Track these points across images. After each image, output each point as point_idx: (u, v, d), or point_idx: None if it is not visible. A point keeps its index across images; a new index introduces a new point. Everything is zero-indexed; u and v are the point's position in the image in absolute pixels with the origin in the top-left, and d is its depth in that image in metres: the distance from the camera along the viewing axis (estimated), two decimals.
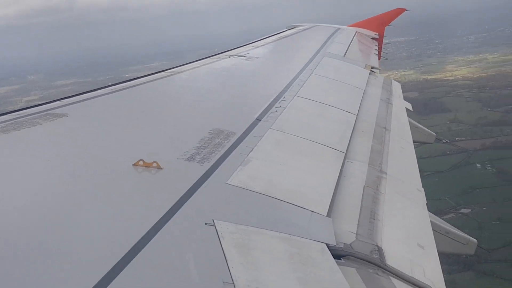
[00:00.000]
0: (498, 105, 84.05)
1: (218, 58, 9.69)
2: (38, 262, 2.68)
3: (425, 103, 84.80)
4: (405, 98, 10.83)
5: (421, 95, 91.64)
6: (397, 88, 11.32)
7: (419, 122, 10.46)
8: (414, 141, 7.87)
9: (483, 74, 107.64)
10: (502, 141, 68.89)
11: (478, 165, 63.42)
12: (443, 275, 4.14)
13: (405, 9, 19.76)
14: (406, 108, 10.12)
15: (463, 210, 53.05)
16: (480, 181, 58.55)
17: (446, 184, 57.56)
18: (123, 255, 2.79)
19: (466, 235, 6.34)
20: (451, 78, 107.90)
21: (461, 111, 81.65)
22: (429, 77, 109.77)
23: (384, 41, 18.18)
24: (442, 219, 6.29)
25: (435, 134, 11.22)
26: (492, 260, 45.06)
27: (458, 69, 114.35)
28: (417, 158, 6.84)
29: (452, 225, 6.34)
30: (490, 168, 62.48)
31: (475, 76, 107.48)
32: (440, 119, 77.20)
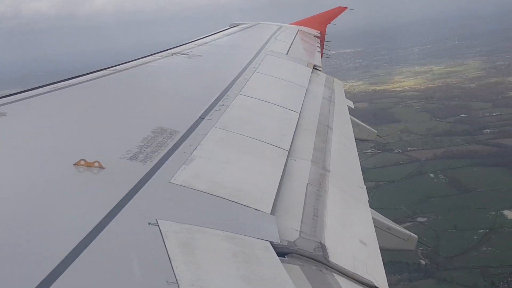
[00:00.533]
0: (446, 115, 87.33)
1: (161, 56, 9.61)
2: None
3: (375, 113, 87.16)
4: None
5: (371, 106, 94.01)
6: (339, 86, 11.45)
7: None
8: (356, 139, 7.98)
9: (430, 85, 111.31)
10: (453, 151, 71.52)
11: (431, 175, 65.68)
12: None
13: (346, 8, 19.97)
14: (348, 106, 10.25)
15: (420, 219, 54.81)
16: (434, 190, 60.67)
17: (402, 193, 59.52)
18: (65, 256, 2.74)
19: (407, 231, 6.47)
20: (399, 89, 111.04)
21: (411, 122, 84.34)
22: (377, 88, 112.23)
23: (326, 39, 18.34)
24: None
25: (375, 131, 11.39)
26: (451, 268, 46.44)
27: (405, 80, 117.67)
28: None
29: None
30: (442, 177, 64.74)
31: (422, 87, 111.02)
32: (391, 130, 79.39)
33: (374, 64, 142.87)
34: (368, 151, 72.54)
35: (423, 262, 47.91)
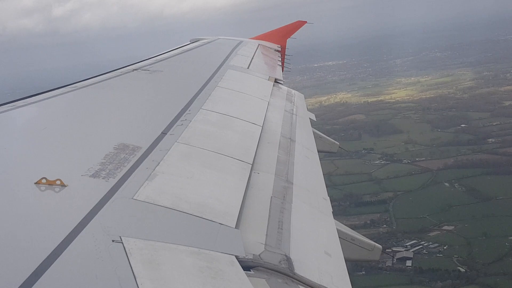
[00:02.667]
0: (446, 126, 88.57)
1: (121, 72, 9.55)
2: None
3: (376, 125, 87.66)
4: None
5: (369, 118, 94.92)
6: (300, 99, 11.52)
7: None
8: (318, 151, 8.03)
9: (423, 96, 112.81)
10: (462, 160, 72.70)
11: (446, 184, 66.28)
12: None
13: (305, 22, 20.15)
14: (310, 118, 10.32)
15: (446, 227, 55.08)
16: (454, 199, 61.16)
17: (421, 203, 60.21)
18: (27, 276, 2.70)
19: (371, 241, 6.51)
20: (392, 100, 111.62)
21: (412, 133, 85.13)
22: (370, 99, 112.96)
23: (286, 53, 18.47)
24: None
25: (338, 143, 11.48)
26: (491, 274, 46.84)
27: (395, 92, 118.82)
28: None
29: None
30: (458, 186, 65.41)
31: (415, 98, 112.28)
32: (395, 141, 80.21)
33: (360, 76, 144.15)
34: (376, 162, 73.39)
35: (461, 269, 48.60)
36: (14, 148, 4.98)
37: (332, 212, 5.71)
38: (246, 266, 3.56)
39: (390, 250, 48.81)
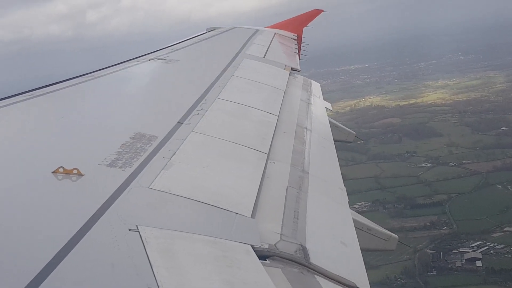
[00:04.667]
0: (487, 129, 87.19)
1: (138, 61, 9.57)
2: None
3: (414, 129, 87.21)
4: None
5: (405, 121, 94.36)
6: (316, 88, 11.48)
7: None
8: (334, 140, 8.00)
9: (455, 99, 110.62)
10: (511, 163, 71.36)
11: (499, 186, 65.60)
12: None
13: (322, 10, 20.02)
14: (326, 107, 10.29)
15: (507, 228, 54.49)
16: (510, 201, 60.31)
17: (477, 205, 59.80)
18: (45, 264, 2.73)
19: (387, 231, 6.49)
20: (424, 103, 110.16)
21: (453, 136, 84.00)
22: (401, 103, 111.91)
23: (303, 41, 18.37)
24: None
25: (354, 132, 11.42)
26: None
27: (426, 95, 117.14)
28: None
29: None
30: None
31: (448, 101, 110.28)
32: (436, 144, 79.75)
33: (385, 80, 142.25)
34: (422, 165, 73.25)
35: None
36: (32, 137, 5.02)
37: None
38: (262, 255, 3.57)
39: (430, 252, 48.96)
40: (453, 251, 51.51)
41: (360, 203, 59.38)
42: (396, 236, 6.52)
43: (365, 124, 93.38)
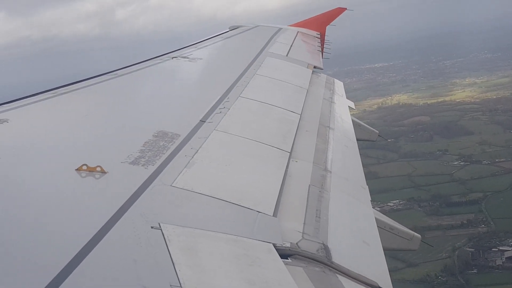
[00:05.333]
0: None
1: (161, 60, 9.61)
2: None
3: (445, 127, 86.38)
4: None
5: (434, 119, 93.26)
6: (339, 87, 11.44)
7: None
8: (357, 139, 7.98)
9: (484, 98, 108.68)
10: None
11: None
12: None
13: (345, 9, 19.93)
14: (348, 106, 10.25)
15: None
16: None
17: None
18: (68, 260, 2.75)
19: (410, 231, 6.45)
20: (452, 102, 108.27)
21: (485, 134, 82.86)
22: (429, 101, 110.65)
23: (325, 40, 18.31)
24: None
25: (377, 131, 11.37)
26: None
27: (454, 94, 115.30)
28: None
29: None
30: None
31: (477, 99, 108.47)
32: (468, 142, 78.92)
33: (411, 78, 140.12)
34: (455, 163, 72.51)
35: None
36: (56, 134, 5.06)
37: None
38: (284, 254, 3.57)
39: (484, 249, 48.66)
40: (493, 249, 50.69)
41: (394, 201, 59.14)
42: (419, 235, 6.47)
43: (394, 122, 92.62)
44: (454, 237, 52.43)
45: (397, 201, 60.07)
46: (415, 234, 6.46)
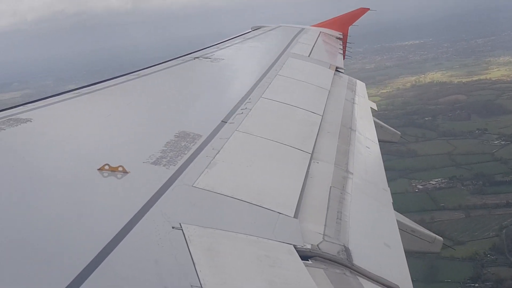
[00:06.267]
0: None
1: (183, 60, 9.64)
2: (3, 269, 2.64)
3: (482, 105, 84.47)
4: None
5: (471, 98, 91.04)
6: (361, 88, 11.40)
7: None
8: (379, 140, 7.94)
9: None
10: None
11: None
12: None
13: (368, 9, 19.85)
14: (371, 107, 10.21)
15: None
16: None
17: None
18: (90, 260, 2.77)
19: (431, 233, 6.41)
20: (489, 80, 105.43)
21: None
22: (464, 80, 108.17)
23: (348, 40, 18.27)
24: None
25: (399, 133, 11.33)
26: None
27: (489, 72, 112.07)
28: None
29: None
30: None
31: None
32: (508, 121, 76.34)
33: (443, 57, 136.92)
34: (495, 142, 70.29)
35: None
36: (78, 134, 5.09)
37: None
38: (304, 255, 3.57)
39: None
40: None
41: (436, 179, 57.99)
42: (440, 238, 6.43)
43: (430, 100, 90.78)
44: (501, 216, 50.89)
45: (439, 179, 58.59)
46: (437, 237, 6.43)
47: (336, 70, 11.60)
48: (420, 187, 56.10)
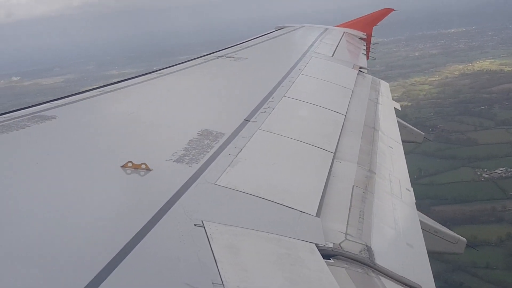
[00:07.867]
0: None
1: (206, 59, 9.68)
2: (29, 263, 2.67)
3: None
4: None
5: None
6: (385, 88, 11.34)
7: None
8: (402, 141, 7.90)
9: None
10: None
11: None
12: None
13: (393, 9, 19.76)
14: (394, 108, 10.15)
15: None
16: None
17: None
18: (113, 256, 2.78)
19: (455, 234, 6.36)
20: None
21: None
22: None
23: (372, 41, 18.20)
24: None
25: (423, 133, 11.26)
26: None
27: None
28: None
29: None
30: None
31: None
32: None
33: (489, 45, 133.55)
34: None
35: None
36: (102, 132, 5.13)
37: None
38: (326, 254, 3.55)
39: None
40: None
41: (501, 168, 55.78)
42: (464, 239, 6.37)
43: (482, 89, 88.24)
44: None
45: (504, 168, 56.32)
46: (461, 237, 6.37)
47: (360, 70, 11.56)
48: (486, 175, 54.41)
